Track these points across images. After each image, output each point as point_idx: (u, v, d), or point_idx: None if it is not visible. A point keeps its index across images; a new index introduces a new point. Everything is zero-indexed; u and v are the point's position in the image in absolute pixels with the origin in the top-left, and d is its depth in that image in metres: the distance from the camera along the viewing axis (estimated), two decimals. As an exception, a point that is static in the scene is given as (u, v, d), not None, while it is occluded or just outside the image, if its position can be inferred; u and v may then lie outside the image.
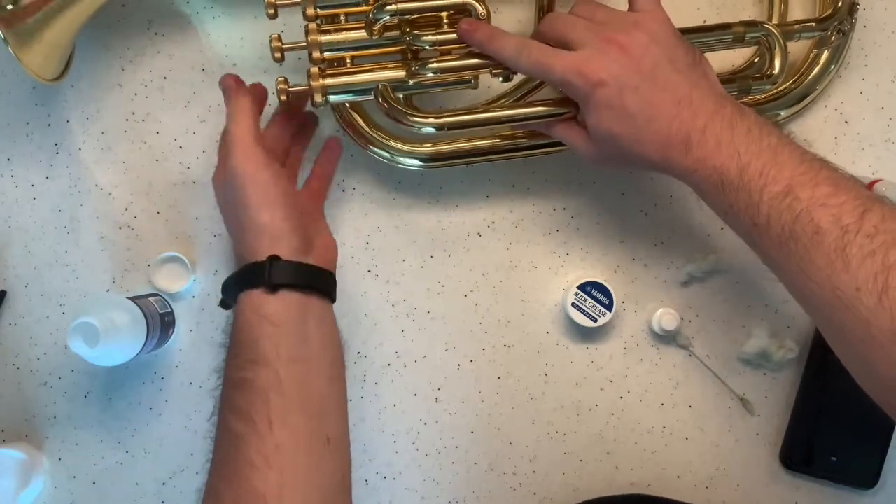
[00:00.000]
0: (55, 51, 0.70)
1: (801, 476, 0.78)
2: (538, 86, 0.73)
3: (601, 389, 0.78)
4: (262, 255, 0.62)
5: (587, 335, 0.78)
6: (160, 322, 0.71)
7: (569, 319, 0.76)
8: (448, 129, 0.68)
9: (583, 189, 0.78)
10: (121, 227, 0.76)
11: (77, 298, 0.76)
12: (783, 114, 0.77)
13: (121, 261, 0.76)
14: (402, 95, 0.69)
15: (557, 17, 0.67)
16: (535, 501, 0.77)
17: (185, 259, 0.75)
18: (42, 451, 0.76)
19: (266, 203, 0.63)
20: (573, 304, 0.75)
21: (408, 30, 0.68)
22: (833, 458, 0.77)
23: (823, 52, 0.76)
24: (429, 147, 0.73)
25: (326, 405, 0.61)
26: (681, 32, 0.65)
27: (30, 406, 0.76)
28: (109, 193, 0.76)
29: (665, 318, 0.76)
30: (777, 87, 0.76)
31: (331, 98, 0.67)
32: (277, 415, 0.57)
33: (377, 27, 0.67)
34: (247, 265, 0.62)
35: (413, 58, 0.68)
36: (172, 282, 0.76)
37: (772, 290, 0.77)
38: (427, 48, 0.67)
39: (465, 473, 0.77)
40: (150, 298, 0.72)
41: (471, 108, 0.69)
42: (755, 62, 0.76)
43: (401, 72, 0.67)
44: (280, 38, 0.68)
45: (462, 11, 0.67)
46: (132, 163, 0.77)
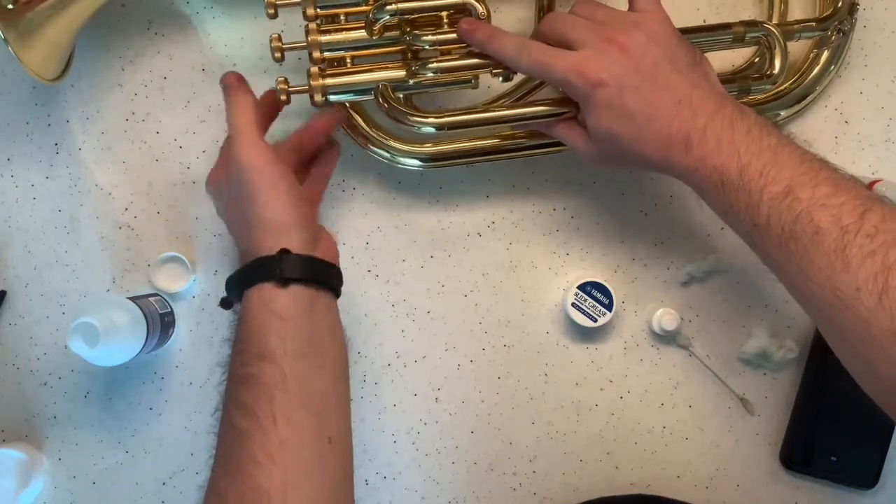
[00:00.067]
0: (55, 50, 0.70)
1: (801, 476, 0.78)
2: (538, 86, 0.73)
3: (601, 389, 0.78)
4: (271, 249, 0.61)
5: (587, 335, 0.78)
6: (160, 322, 0.71)
7: (569, 319, 0.76)
8: (448, 129, 0.68)
9: (583, 189, 0.78)
10: (121, 227, 0.76)
11: (77, 298, 0.76)
12: (783, 114, 0.77)
13: (121, 261, 0.76)
14: (402, 95, 0.69)
15: (557, 17, 0.67)
16: (535, 501, 0.77)
17: (185, 259, 0.75)
18: (42, 451, 0.76)
19: (274, 196, 0.62)
20: (573, 304, 0.75)
21: (408, 29, 0.68)
22: (833, 458, 0.77)
23: (823, 52, 0.76)
24: (429, 147, 0.73)
25: (330, 403, 0.61)
26: (681, 32, 0.65)
27: (30, 406, 0.76)
28: (109, 193, 0.76)
29: (665, 318, 0.76)
30: (777, 87, 0.76)
31: (331, 98, 0.67)
32: (282, 411, 0.57)
33: (377, 27, 0.67)
34: (255, 260, 0.61)
35: (413, 58, 0.68)
36: (172, 282, 0.76)
37: (772, 290, 0.77)
38: (427, 48, 0.67)
39: (465, 473, 0.77)
40: (150, 298, 0.72)
41: (471, 108, 0.69)
42: (755, 62, 0.76)
43: (401, 72, 0.67)
44: (280, 38, 0.68)
45: (462, 11, 0.67)
46: (132, 163, 0.77)
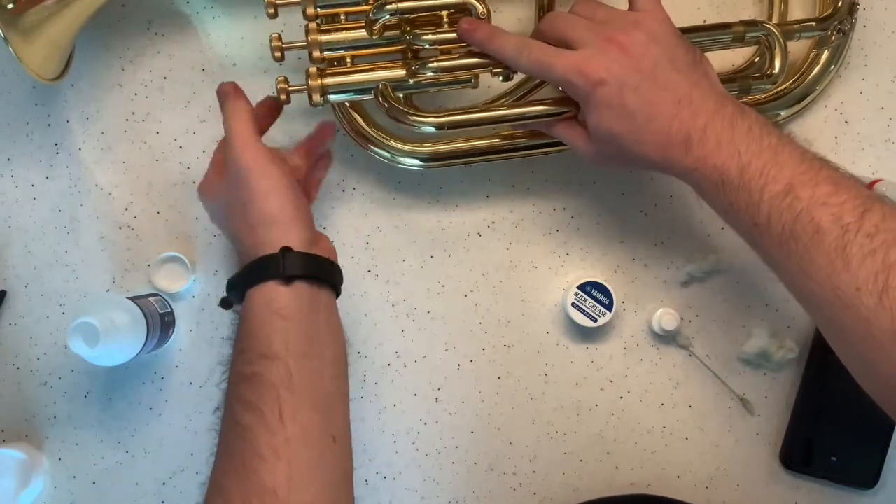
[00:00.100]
0: (55, 50, 0.70)
1: (801, 476, 0.78)
2: (538, 85, 0.73)
3: (601, 389, 0.78)
4: (273, 247, 0.61)
5: (587, 335, 0.78)
6: (160, 322, 0.71)
7: (569, 319, 0.76)
8: (448, 129, 0.68)
9: (583, 189, 0.78)
10: (121, 227, 0.76)
11: (77, 298, 0.76)
12: (783, 114, 0.77)
13: (121, 261, 0.76)
14: (403, 95, 0.69)
15: (558, 17, 0.67)
16: (535, 501, 0.77)
17: (185, 259, 0.75)
18: (42, 451, 0.76)
19: (275, 193, 0.62)
20: (573, 304, 0.75)
21: (408, 29, 0.68)
22: (833, 458, 0.77)
23: (823, 52, 0.76)
24: (429, 147, 0.73)
25: (333, 401, 0.61)
26: (681, 32, 0.65)
27: (30, 406, 0.76)
28: (109, 193, 0.76)
29: (665, 318, 0.76)
30: (777, 87, 0.76)
31: (331, 97, 0.67)
32: (288, 410, 0.57)
33: (377, 26, 0.67)
34: (257, 259, 0.61)
35: (413, 57, 0.68)
36: (172, 282, 0.76)
37: (772, 290, 0.77)
38: (427, 47, 0.67)
39: (465, 473, 0.77)
40: (150, 298, 0.72)
41: (471, 108, 0.69)
42: (755, 62, 0.76)
43: (401, 71, 0.67)
44: (280, 38, 0.68)
45: (462, 10, 0.67)
46: (132, 163, 0.77)
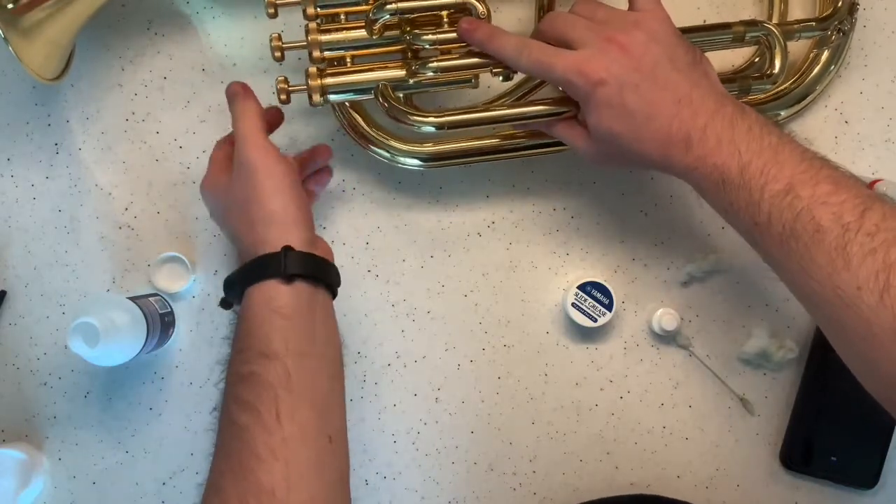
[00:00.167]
0: (55, 50, 0.70)
1: (801, 476, 0.78)
2: (538, 85, 0.73)
3: (601, 389, 0.78)
4: (274, 246, 0.61)
5: (587, 335, 0.78)
6: (160, 322, 0.71)
7: (569, 319, 0.76)
8: (448, 129, 0.68)
9: (583, 189, 0.78)
10: (121, 227, 0.76)
11: (77, 298, 0.76)
12: (783, 114, 0.77)
13: (121, 261, 0.76)
14: (403, 95, 0.69)
15: (558, 17, 0.67)
16: (535, 501, 0.77)
17: (185, 259, 0.75)
18: (42, 451, 0.76)
19: (279, 193, 0.63)
20: (573, 304, 0.75)
21: (408, 29, 0.68)
22: (833, 458, 0.77)
23: (823, 52, 0.76)
24: (429, 147, 0.73)
25: (330, 402, 0.61)
26: (681, 32, 0.65)
27: (30, 406, 0.76)
28: (109, 193, 0.76)
29: (665, 318, 0.76)
30: (777, 87, 0.76)
31: (331, 97, 0.67)
32: (286, 410, 0.57)
33: (377, 26, 0.67)
34: (257, 257, 0.61)
35: (413, 57, 0.68)
36: (172, 282, 0.76)
37: (772, 290, 0.77)
38: (427, 47, 0.67)
39: (465, 473, 0.77)
40: (150, 298, 0.72)
41: (471, 108, 0.69)
42: (755, 62, 0.77)
43: (401, 71, 0.67)
44: (280, 38, 0.68)
45: (462, 10, 0.68)
46: (132, 163, 0.77)
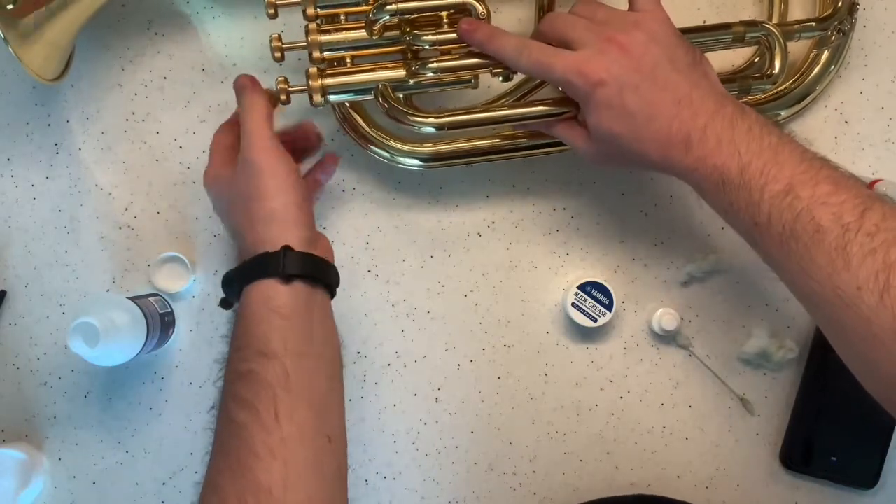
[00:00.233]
0: (55, 51, 0.70)
1: (801, 476, 0.78)
2: (538, 85, 0.73)
3: (601, 389, 0.78)
4: (274, 245, 0.61)
5: (587, 335, 0.78)
6: (160, 322, 0.71)
7: (569, 319, 0.76)
8: (448, 129, 0.68)
9: (583, 189, 0.78)
10: (121, 227, 0.76)
11: (77, 298, 0.76)
12: (783, 114, 0.77)
13: (121, 261, 0.76)
14: (402, 95, 0.69)
15: (557, 17, 0.67)
16: (535, 501, 0.77)
17: (185, 259, 0.75)
18: (42, 451, 0.76)
19: (281, 193, 0.63)
20: (573, 304, 0.75)
21: (408, 29, 0.68)
22: (833, 458, 0.77)
23: (823, 52, 0.76)
24: (429, 147, 0.73)
25: (329, 402, 0.61)
26: (681, 32, 0.65)
27: (30, 406, 0.76)
28: (109, 193, 0.76)
29: (665, 318, 0.76)
30: (777, 87, 0.76)
31: (331, 98, 0.67)
32: (284, 409, 0.57)
33: (377, 27, 0.67)
34: (257, 256, 0.61)
35: (413, 57, 0.68)
36: (172, 282, 0.76)
37: (772, 290, 0.77)
38: (427, 48, 0.67)
39: (465, 473, 0.77)
40: (150, 298, 0.72)
41: (471, 108, 0.69)
42: (755, 62, 0.77)
43: (401, 71, 0.67)
44: (280, 38, 0.68)
45: (462, 11, 0.67)
46: (132, 163, 0.77)
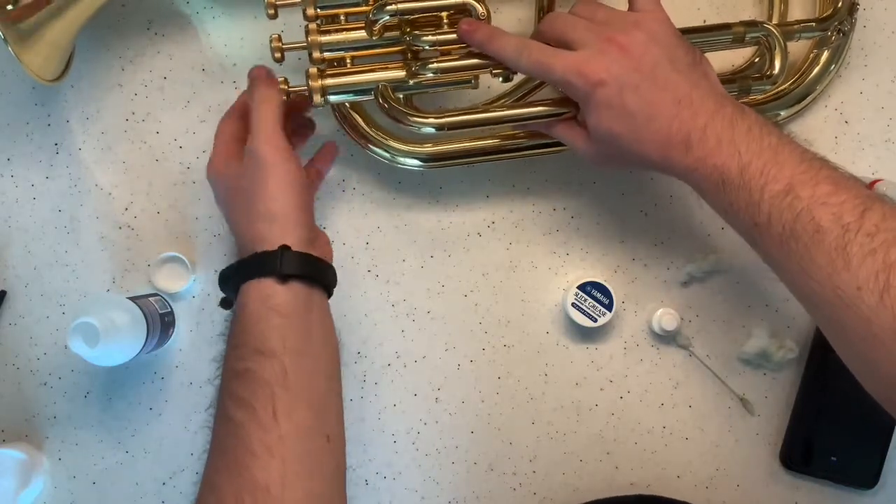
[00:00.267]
0: (55, 51, 0.70)
1: (801, 476, 0.78)
2: (538, 86, 0.73)
3: (601, 389, 0.78)
4: (272, 244, 0.61)
5: (587, 335, 0.78)
6: (160, 322, 0.71)
7: (569, 319, 0.76)
8: (448, 130, 0.68)
9: (583, 189, 0.78)
10: (121, 227, 0.76)
11: (77, 298, 0.76)
12: (783, 114, 0.77)
13: (121, 261, 0.76)
14: (402, 95, 0.69)
15: (557, 17, 0.67)
16: (535, 501, 0.77)
17: (185, 259, 0.75)
18: (42, 451, 0.76)
19: (283, 192, 0.63)
20: (573, 304, 0.75)
21: (408, 30, 0.68)
22: (833, 458, 0.77)
23: (823, 52, 0.76)
24: (429, 147, 0.73)
25: (327, 402, 0.61)
26: (681, 32, 0.65)
27: (30, 406, 0.76)
28: (109, 193, 0.76)
29: (665, 318, 0.76)
30: (777, 87, 0.76)
31: (331, 98, 0.67)
32: (283, 408, 0.57)
33: (377, 27, 0.67)
34: (255, 254, 0.61)
35: (413, 58, 0.68)
36: (172, 282, 0.76)
37: (772, 290, 0.77)
38: (427, 48, 0.67)
39: (465, 473, 0.77)
40: (150, 298, 0.72)
41: (471, 109, 0.69)
42: (755, 62, 0.76)
43: (401, 72, 0.67)
44: (280, 38, 0.68)
45: (462, 11, 0.68)
46: (132, 163, 0.77)
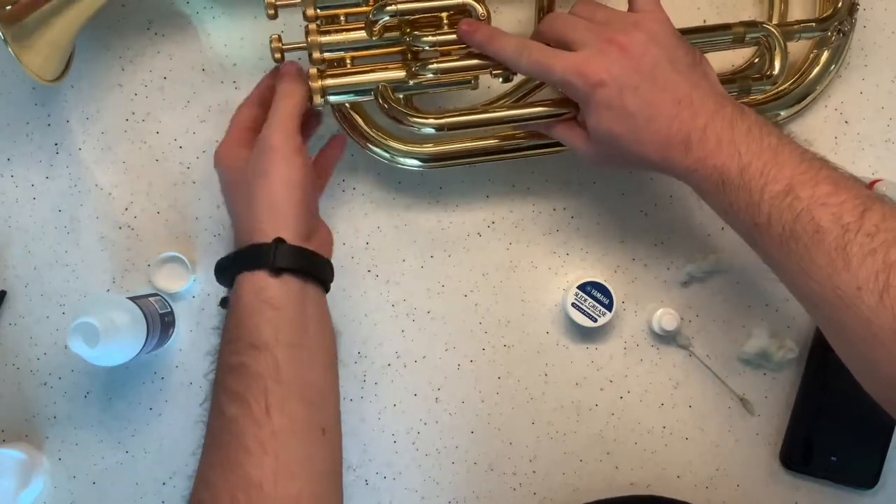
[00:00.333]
0: (55, 51, 0.70)
1: (801, 476, 0.78)
2: (538, 86, 0.73)
3: (601, 389, 0.78)
4: (268, 236, 0.61)
5: (587, 335, 0.78)
6: (160, 322, 0.71)
7: (569, 319, 0.76)
8: (448, 130, 0.68)
9: (583, 189, 0.78)
10: (121, 227, 0.76)
11: (77, 298, 0.76)
12: (783, 114, 0.77)
13: (121, 261, 0.76)
14: (402, 96, 0.69)
15: (557, 18, 0.67)
16: (535, 501, 0.77)
17: (185, 259, 0.75)
18: (42, 451, 0.76)
19: (286, 183, 0.63)
20: (573, 304, 0.75)
21: (408, 30, 0.68)
22: (833, 458, 0.77)
23: (823, 53, 0.76)
24: (429, 147, 0.73)
25: (322, 394, 0.61)
26: (681, 32, 0.65)
27: (30, 406, 0.76)
28: (109, 193, 0.76)
29: (665, 318, 0.76)
30: (777, 88, 0.76)
31: (331, 98, 0.67)
32: (275, 401, 0.56)
33: (377, 28, 0.67)
34: (250, 245, 0.62)
35: (413, 58, 0.68)
36: (172, 282, 0.76)
37: (772, 290, 0.77)
38: (427, 49, 0.67)
39: (465, 473, 0.77)
40: (150, 298, 0.72)
41: (471, 109, 0.69)
42: (755, 62, 0.76)
43: (401, 72, 0.67)
44: (280, 39, 0.68)
45: (462, 12, 0.67)
46: (132, 163, 0.77)
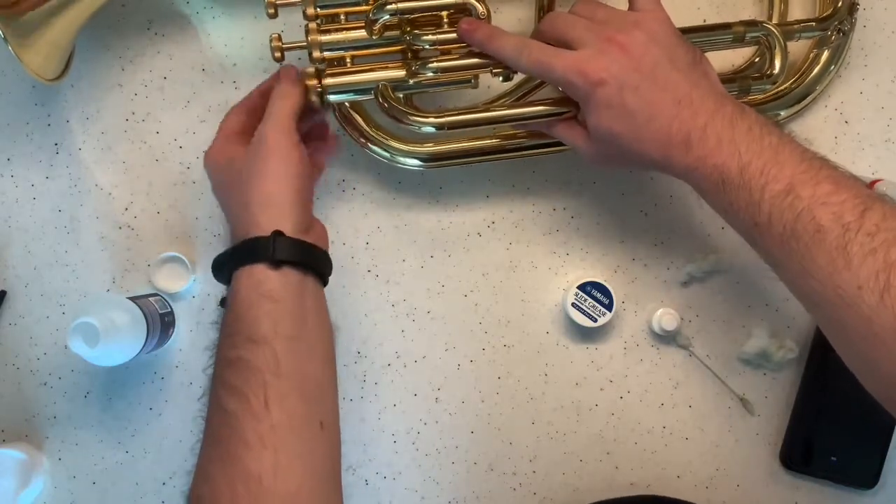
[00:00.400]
0: (55, 50, 0.70)
1: (801, 476, 0.78)
2: (538, 85, 0.73)
3: (601, 389, 0.78)
4: (265, 230, 0.61)
5: (587, 335, 0.78)
6: (160, 322, 0.71)
7: (569, 319, 0.76)
8: (448, 129, 0.68)
9: (583, 189, 0.78)
10: (121, 227, 0.76)
11: (77, 298, 0.76)
12: (783, 114, 0.77)
13: (121, 261, 0.76)
14: (403, 95, 0.69)
15: (558, 17, 0.67)
16: (535, 501, 0.77)
17: (185, 259, 0.75)
18: (42, 451, 0.76)
19: (284, 177, 0.63)
20: (573, 304, 0.75)
21: (408, 29, 0.67)
22: (833, 458, 0.77)
23: (823, 52, 0.76)
24: (429, 147, 0.73)
25: (321, 388, 0.61)
26: (681, 32, 0.65)
27: (30, 406, 0.76)
28: (109, 193, 0.76)
29: (665, 318, 0.76)
30: (777, 87, 0.76)
31: (331, 98, 0.67)
32: (274, 396, 0.56)
33: (377, 27, 0.67)
34: (247, 240, 0.61)
35: (413, 57, 0.68)
36: (172, 282, 0.76)
37: (772, 290, 0.77)
38: (427, 48, 0.67)
39: (465, 473, 0.77)
40: (150, 298, 0.72)
41: (471, 108, 0.69)
42: (755, 62, 0.77)
43: (401, 71, 0.67)
44: (280, 38, 0.68)
45: (462, 11, 0.67)
46: (132, 163, 0.77)
